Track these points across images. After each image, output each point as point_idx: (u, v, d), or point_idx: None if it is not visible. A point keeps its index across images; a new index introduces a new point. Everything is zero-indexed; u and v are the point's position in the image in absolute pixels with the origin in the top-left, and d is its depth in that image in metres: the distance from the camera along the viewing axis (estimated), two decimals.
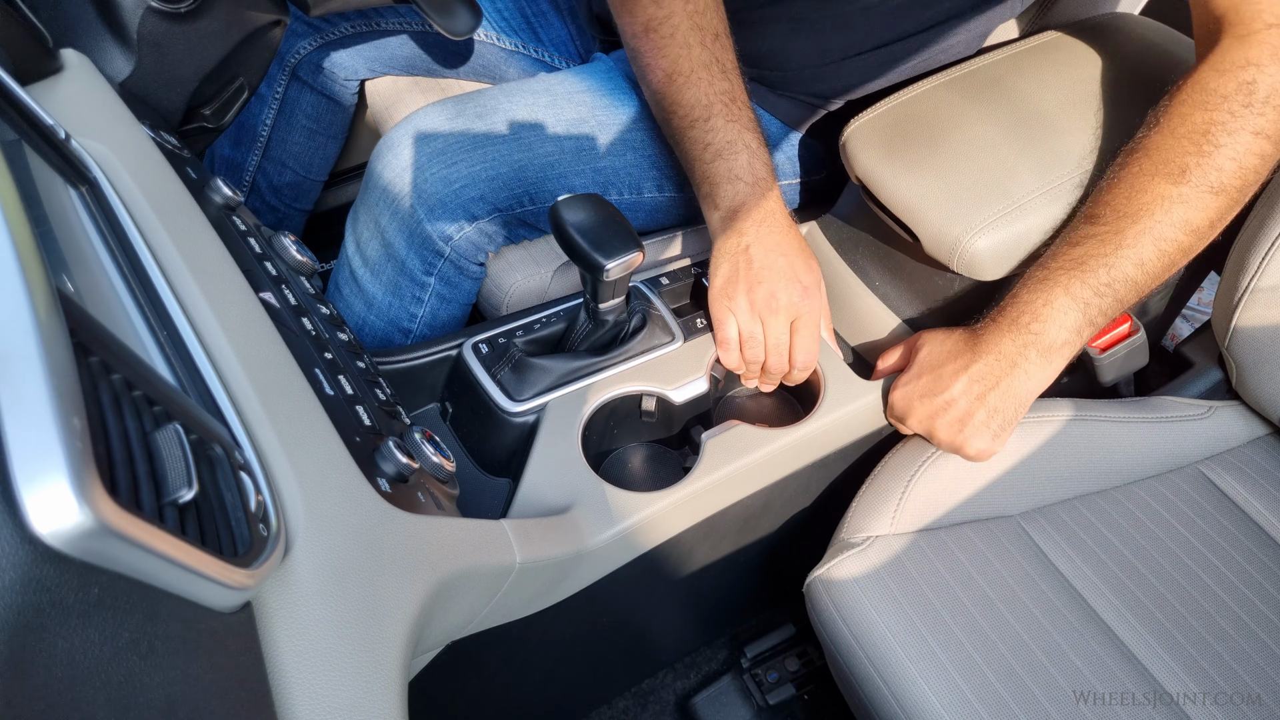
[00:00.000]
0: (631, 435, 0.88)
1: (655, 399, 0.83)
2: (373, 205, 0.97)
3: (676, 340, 0.86)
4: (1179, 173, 0.75)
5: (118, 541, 0.28)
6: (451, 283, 0.99)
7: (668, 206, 1.04)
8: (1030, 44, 0.99)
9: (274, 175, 1.27)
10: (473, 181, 0.93)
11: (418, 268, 0.97)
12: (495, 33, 1.18)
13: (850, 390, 0.87)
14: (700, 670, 1.22)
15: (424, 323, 1.01)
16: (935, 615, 0.79)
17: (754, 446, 0.81)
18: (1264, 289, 0.89)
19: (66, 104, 0.60)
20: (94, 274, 0.44)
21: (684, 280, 0.92)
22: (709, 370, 0.85)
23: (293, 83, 1.21)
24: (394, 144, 0.96)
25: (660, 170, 1.01)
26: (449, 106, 0.97)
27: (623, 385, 0.82)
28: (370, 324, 1.01)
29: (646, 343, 0.84)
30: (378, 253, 0.98)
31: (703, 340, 0.87)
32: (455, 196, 0.93)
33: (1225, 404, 0.97)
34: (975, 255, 0.84)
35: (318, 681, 0.40)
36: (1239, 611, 0.80)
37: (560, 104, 0.99)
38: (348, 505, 0.46)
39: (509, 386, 0.79)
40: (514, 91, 1.00)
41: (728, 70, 0.86)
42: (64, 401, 0.27)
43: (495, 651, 0.76)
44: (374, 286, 1.00)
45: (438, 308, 1.01)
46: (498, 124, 0.96)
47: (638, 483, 0.85)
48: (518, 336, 0.83)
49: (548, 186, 0.97)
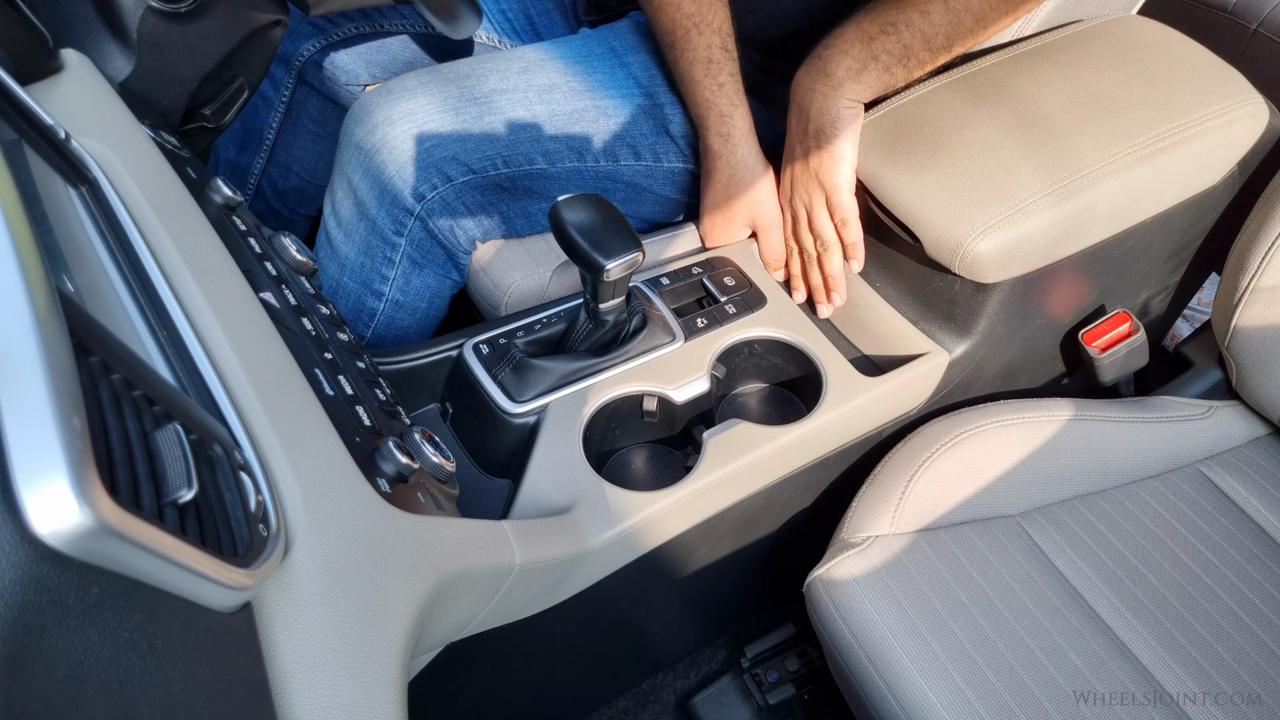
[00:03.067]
0: (633, 435, 0.88)
1: (656, 399, 0.83)
2: (344, 165, 0.98)
3: (677, 340, 0.86)
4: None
5: (118, 541, 0.28)
6: (423, 247, 1.00)
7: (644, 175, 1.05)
8: (1031, 45, 0.99)
9: (279, 179, 1.27)
10: (444, 141, 0.94)
11: (388, 226, 0.97)
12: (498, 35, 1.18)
13: (852, 387, 0.87)
14: (700, 670, 1.22)
15: (396, 286, 1.01)
16: (935, 615, 0.79)
17: (756, 444, 0.81)
18: (1264, 289, 0.89)
19: (66, 104, 0.60)
20: (94, 274, 0.44)
21: (684, 281, 0.92)
22: (710, 369, 0.85)
23: (299, 86, 1.21)
24: (367, 107, 0.96)
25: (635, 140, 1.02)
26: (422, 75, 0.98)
27: (624, 386, 0.82)
28: (344, 286, 1.02)
29: (647, 343, 0.84)
30: (350, 212, 0.99)
31: (703, 340, 0.87)
32: (428, 155, 0.94)
33: (1225, 404, 0.97)
34: (978, 257, 0.84)
35: (317, 681, 0.40)
36: (1239, 611, 0.80)
37: (533, 71, 1.00)
38: (348, 505, 0.46)
39: (510, 387, 0.79)
40: (488, 60, 1.01)
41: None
42: (64, 401, 0.27)
43: (495, 652, 0.76)
44: (347, 247, 1.00)
45: (410, 271, 1.01)
46: (471, 90, 0.97)
47: (640, 482, 0.85)
48: (518, 337, 0.83)
49: (521, 149, 0.97)
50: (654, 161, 1.03)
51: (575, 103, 0.99)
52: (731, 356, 0.89)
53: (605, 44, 1.03)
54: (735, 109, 0.94)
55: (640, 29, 1.05)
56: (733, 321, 0.89)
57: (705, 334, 0.87)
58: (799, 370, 0.91)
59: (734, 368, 0.90)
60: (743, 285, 0.93)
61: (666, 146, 1.04)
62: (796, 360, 0.90)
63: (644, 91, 1.01)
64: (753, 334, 0.89)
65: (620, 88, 1.01)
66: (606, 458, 0.87)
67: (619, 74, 1.01)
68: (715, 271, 0.94)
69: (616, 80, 1.01)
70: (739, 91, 0.94)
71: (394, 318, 1.03)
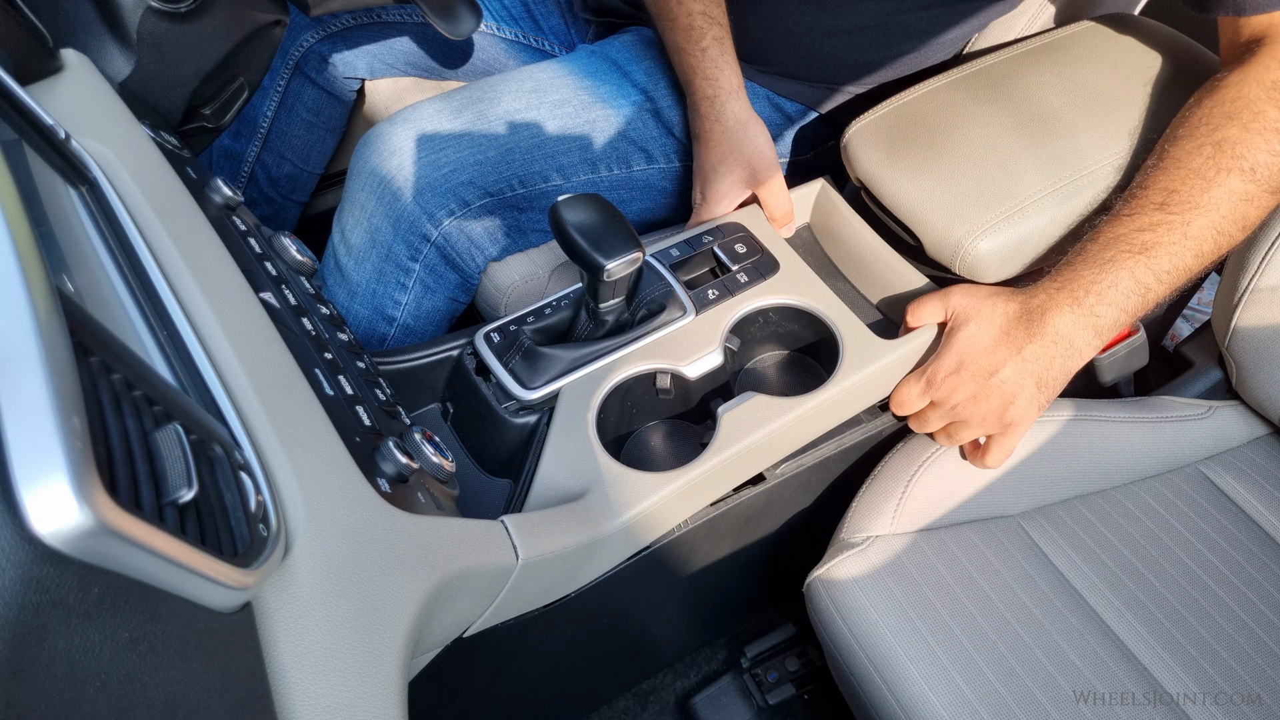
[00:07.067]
0: (651, 414, 0.86)
1: (670, 376, 0.81)
2: (357, 193, 0.98)
3: (688, 314, 0.83)
4: (1250, 170, 0.75)
5: (117, 541, 0.28)
6: (436, 271, 1.00)
7: (657, 177, 1.05)
8: (1032, 44, 0.99)
9: (272, 167, 1.28)
10: (461, 166, 0.94)
11: (403, 253, 0.97)
12: (495, 23, 1.19)
13: (870, 351, 0.83)
14: (700, 670, 1.22)
15: (408, 311, 1.02)
16: (935, 615, 0.79)
17: (772, 417, 0.78)
18: (1264, 289, 0.89)
19: (66, 104, 0.60)
20: (94, 274, 0.44)
21: (695, 251, 0.89)
22: (723, 342, 0.83)
23: (295, 77, 1.21)
24: (382, 134, 0.96)
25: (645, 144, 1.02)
26: (436, 101, 0.99)
27: (635, 365, 0.80)
28: (354, 312, 1.01)
29: (658, 319, 0.82)
30: (362, 239, 0.99)
31: (715, 312, 0.84)
32: (444, 181, 0.94)
33: (1225, 404, 0.97)
34: (978, 258, 0.84)
35: (318, 681, 0.40)
36: (1239, 611, 0.80)
37: (544, 89, 1.00)
38: (348, 505, 0.46)
39: (521, 374, 0.78)
40: (499, 82, 1.01)
41: None
42: (64, 401, 0.27)
43: (495, 652, 0.76)
44: (358, 273, 1.00)
45: (422, 296, 1.01)
46: (484, 113, 0.97)
47: (658, 461, 0.83)
48: (528, 323, 0.82)
49: (535, 167, 0.97)
50: (666, 163, 1.04)
51: (585, 115, 1.00)
52: (745, 326, 0.87)
53: (607, 58, 1.05)
54: (721, 71, 0.93)
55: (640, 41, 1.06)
56: (745, 291, 0.86)
57: (717, 305, 0.85)
58: (816, 335, 0.88)
59: (749, 337, 0.88)
60: (754, 251, 0.90)
61: (675, 147, 1.04)
62: (813, 326, 0.88)
63: (647, 97, 1.02)
64: (765, 302, 0.86)
65: (626, 96, 1.02)
66: (626, 439, 0.86)
67: (624, 84, 1.03)
68: (726, 239, 0.91)
69: (622, 90, 1.02)
70: (725, 55, 0.93)
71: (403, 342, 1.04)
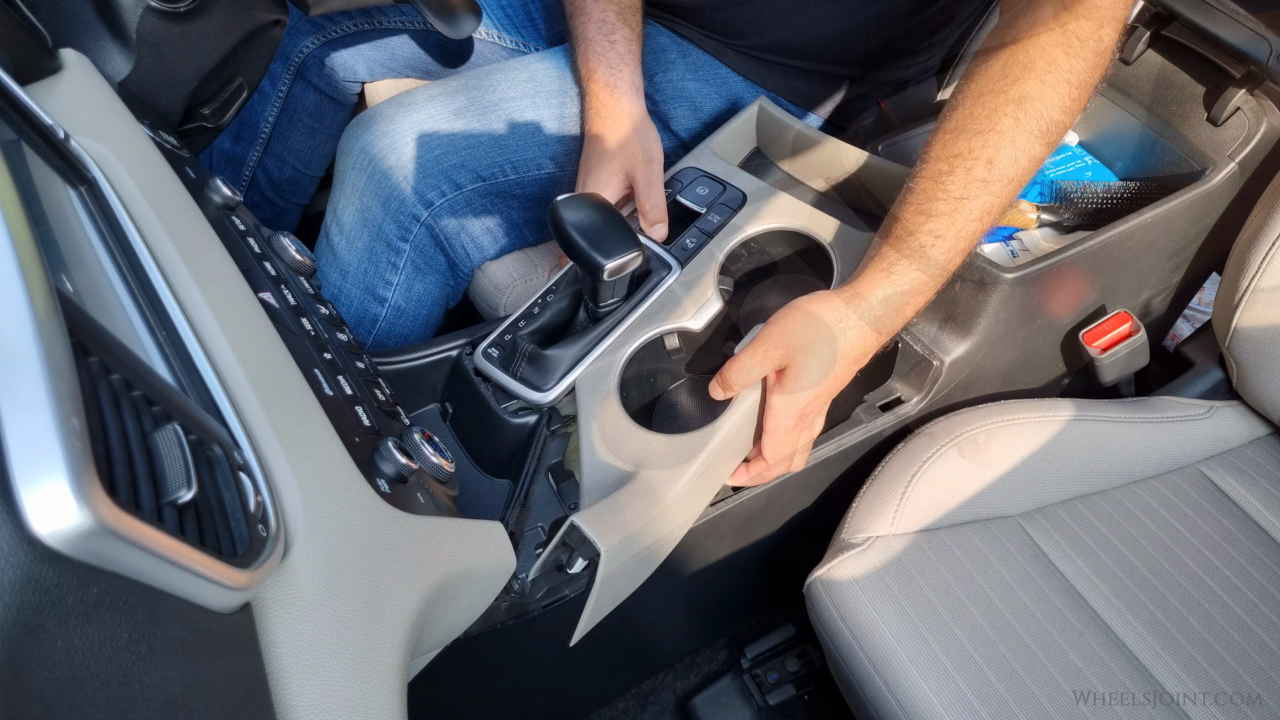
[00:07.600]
0: (671, 377, 0.85)
1: (676, 334, 0.81)
2: (348, 171, 0.98)
3: (674, 270, 0.83)
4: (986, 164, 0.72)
5: (117, 542, 0.28)
6: (427, 254, 1.00)
7: None
8: None
9: (273, 170, 1.28)
10: (454, 148, 0.94)
11: (394, 233, 0.98)
12: (496, 30, 1.19)
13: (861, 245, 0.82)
14: (700, 670, 1.22)
15: (399, 292, 1.02)
16: (936, 616, 0.79)
17: None
18: (1264, 289, 0.89)
19: (66, 104, 0.60)
20: (94, 274, 0.44)
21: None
22: (717, 286, 0.82)
23: (297, 81, 1.21)
24: (375, 116, 0.96)
25: None
26: (431, 88, 0.99)
27: (640, 334, 0.79)
28: (346, 292, 1.02)
29: (646, 285, 0.82)
30: (354, 219, 0.99)
31: (699, 260, 0.84)
32: (437, 163, 0.94)
33: (1226, 404, 0.97)
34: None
35: (317, 682, 0.40)
36: (1239, 611, 0.80)
37: (539, 79, 1.00)
38: (347, 506, 0.46)
39: (532, 379, 0.78)
40: (495, 72, 1.02)
41: None
42: (63, 401, 0.27)
43: (495, 652, 0.76)
44: (349, 253, 1.00)
45: (413, 277, 1.01)
46: (479, 99, 0.98)
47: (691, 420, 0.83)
48: (520, 329, 0.81)
49: (529, 154, 0.97)
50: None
51: (579, 105, 1.00)
52: (733, 264, 0.86)
53: None
54: (625, 66, 0.93)
55: None
56: (720, 231, 0.86)
57: (699, 253, 0.84)
58: (803, 248, 0.88)
59: (739, 271, 0.87)
60: (718, 188, 0.89)
61: (668, 141, 1.04)
62: (796, 241, 0.87)
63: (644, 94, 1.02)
64: (744, 235, 0.86)
65: None
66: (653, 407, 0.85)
67: None
68: (686, 185, 0.90)
69: None
70: (632, 52, 0.93)
71: (395, 324, 1.04)
